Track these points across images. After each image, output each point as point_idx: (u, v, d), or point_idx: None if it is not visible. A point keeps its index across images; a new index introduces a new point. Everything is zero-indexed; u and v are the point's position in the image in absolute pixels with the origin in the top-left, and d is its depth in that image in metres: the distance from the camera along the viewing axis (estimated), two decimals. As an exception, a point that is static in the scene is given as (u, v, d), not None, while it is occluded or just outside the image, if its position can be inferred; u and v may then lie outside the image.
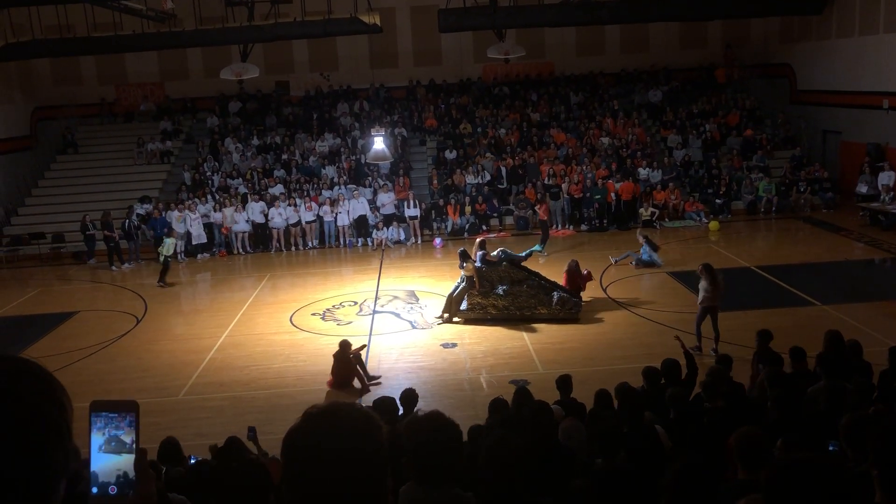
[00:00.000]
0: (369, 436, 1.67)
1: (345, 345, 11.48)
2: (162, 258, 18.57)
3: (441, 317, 14.33)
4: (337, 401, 1.75)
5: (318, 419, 1.68)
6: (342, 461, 1.62)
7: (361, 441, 1.65)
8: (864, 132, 22.73)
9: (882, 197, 20.52)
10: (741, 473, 4.27)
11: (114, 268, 20.45)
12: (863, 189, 21.54)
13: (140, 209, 22.08)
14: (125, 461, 1.50)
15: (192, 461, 6.41)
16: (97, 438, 1.50)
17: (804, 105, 25.96)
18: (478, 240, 15.17)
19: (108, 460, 1.50)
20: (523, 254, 15.84)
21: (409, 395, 7.73)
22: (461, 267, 14.23)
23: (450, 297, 14.35)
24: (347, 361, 11.37)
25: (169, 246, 18.72)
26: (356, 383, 11.38)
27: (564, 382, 7.95)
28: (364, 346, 12.20)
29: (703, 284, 11.92)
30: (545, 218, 20.09)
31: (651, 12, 23.27)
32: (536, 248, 18.39)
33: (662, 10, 23.02)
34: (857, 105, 22.93)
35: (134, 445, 1.52)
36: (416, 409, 7.15)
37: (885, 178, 21.02)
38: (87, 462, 1.50)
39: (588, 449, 5.92)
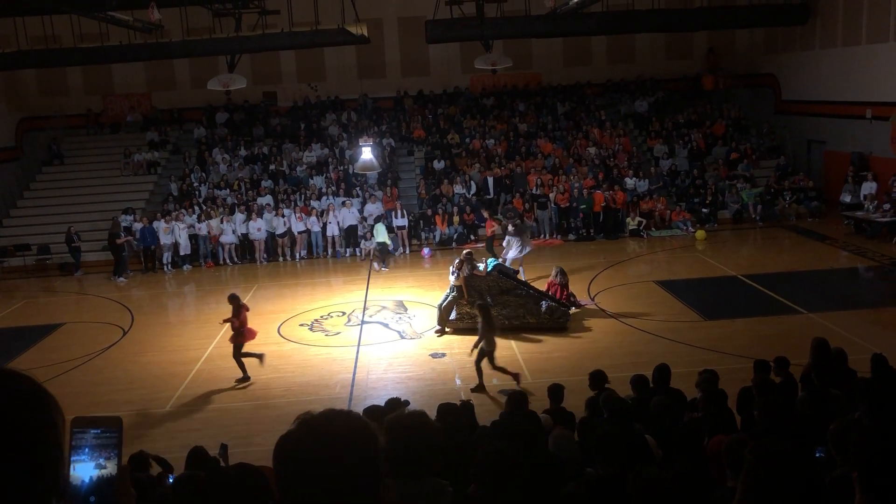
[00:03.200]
0: (365, 446, 1.65)
1: (233, 298, 12.34)
2: (376, 244, 19.64)
3: (441, 330, 14.30)
4: (333, 408, 1.74)
5: (312, 427, 1.66)
6: (337, 472, 1.60)
7: (357, 451, 1.63)
8: (847, 142, 22.96)
9: (866, 206, 20.71)
10: (730, 481, 4.29)
11: (121, 279, 20.30)
12: (846, 198, 21.74)
13: (125, 221, 21.95)
14: (106, 477, 1.50)
15: (171, 479, 6.33)
16: (79, 454, 1.50)
17: (789, 115, 26.20)
18: (464, 252, 15.15)
19: (89, 476, 1.50)
20: (511, 267, 15.86)
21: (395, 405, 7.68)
22: (451, 275, 14.23)
23: (440, 307, 14.35)
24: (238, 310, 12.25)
25: (379, 232, 19.76)
26: None
27: (555, 391, 7.95)
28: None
29: (481, 324, 11.42)
30: (490, 235, 19.86)
31: (637, 23, 23.46)
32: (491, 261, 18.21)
33: (648, 22, 23.21)
34: (841, 115, 23.16)
35: (116, 461, 1.51)
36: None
37: (867, 187, 21.22)
38: (68, 477, 1.49)
39: (578, 458, 5.92)
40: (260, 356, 12.51)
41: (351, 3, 20.07)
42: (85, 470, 1.49)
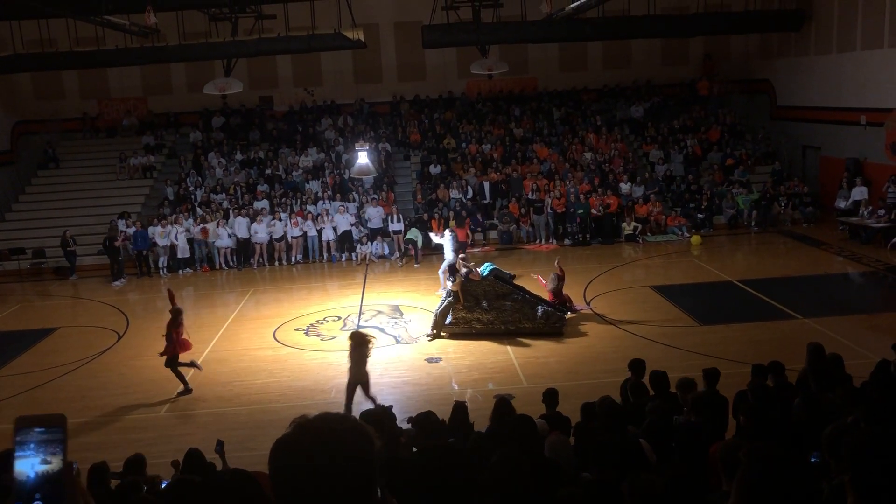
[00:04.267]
0: (361, 449, 1.65)
1: (176, 312, 12.45)
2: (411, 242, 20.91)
3: (431, 334, 14.28)
4: (328, 412, 1.74)
5: (308, 431, 1.66)
6: (333, 475, 1.60)
7: (353, 455, 1.63)
8: (842, 147, 23.03)
9: (861, 211, 20.78)
10: (725, 485, 4.31)
11: (116, 283, 20.24)
12: (841, 204, 21.80)
13: (122, 226, 21.91)
14: (52, 473, 1.50)
15: (164, 485, 6.30)
16: (23, 450, 1.50)
17: (784, 121, 26.28)
18: (460, 256, 15.18)
19: (34, 472, 1.50)
20: (508, 273, 15.88)
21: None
22: (448, 280, 14.22)
23: (436, 313, 14.33)
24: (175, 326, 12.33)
25: (413, 232, 20.93)
26: None
27: (550, 396, 7.94)
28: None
29: (353, 355, 10.30)
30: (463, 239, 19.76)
31: (633, 29, 23.52)
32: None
33: (644, 27, 23.27)
34: (836, 121, 23.24)
35: (61, 458, 1.52)
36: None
37: (857, 193, 21.30)
38: (14, 476, 1.49)
39: (574, 463, 5.92)
40: (187, 386, 12.32)
41: (347, 7, 20.10)
42: (29, 466, 1.50)
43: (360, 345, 10.31)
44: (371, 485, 1.67)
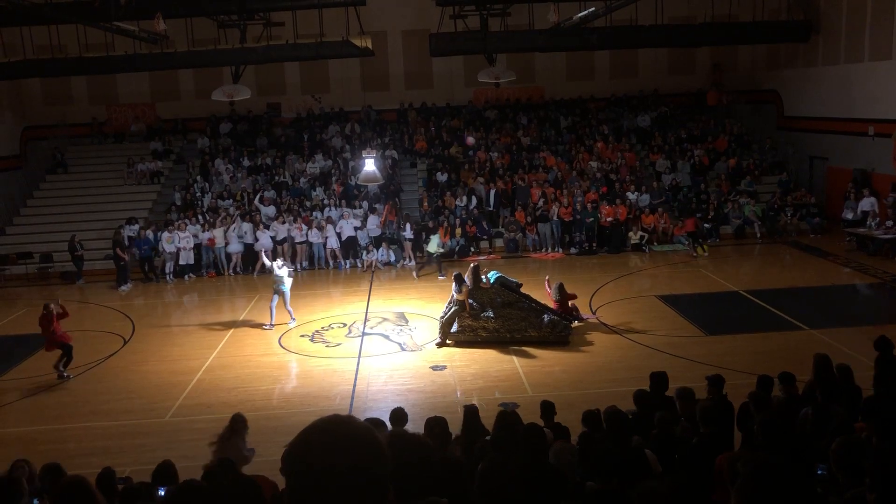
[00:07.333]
0: (371, 451, 1.66)
1: (46, 306, 13.33)
2: (428, 254, 20.36)
3: (441, 343, 14.26)
4: (338, 414, 1.76)
5: (319, 434, 1.68)
6: (345, 478, 1.61)
7: (363, 457, 1.65)
8: (850, 158, 22.98)
9: (868, 222, 20.72)
10: (730, 496, 4.28)
11: (122, 288, 20.31)
12: (848, 215, 21.73)
13: (129, 231, 21.97)
14: None
15: (161, 492, 6.21)
16: None
17: (791, 131, 26.25)
18: (472, 265, 15.12)
19: None
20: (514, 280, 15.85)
21: (398, 415, 7.67)
22: (456, 291, 14.17)
23: (442, 320, 14.29)
24: (48, 321, 13.13)
25: (434, 243, 20.30)
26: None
27: (547, 408, 7.90)
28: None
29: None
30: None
31: (640, 39, 23.54)
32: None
33: (651, 37, 23.30)
34: (844, 132, 23.20)
35: None
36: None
37: (866, 204, 21.22)
38: None
39: (579, 472, 5.90)
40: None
41: (356, 15, 20.17)
42: None
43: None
44: (383, 487, 1.68)
